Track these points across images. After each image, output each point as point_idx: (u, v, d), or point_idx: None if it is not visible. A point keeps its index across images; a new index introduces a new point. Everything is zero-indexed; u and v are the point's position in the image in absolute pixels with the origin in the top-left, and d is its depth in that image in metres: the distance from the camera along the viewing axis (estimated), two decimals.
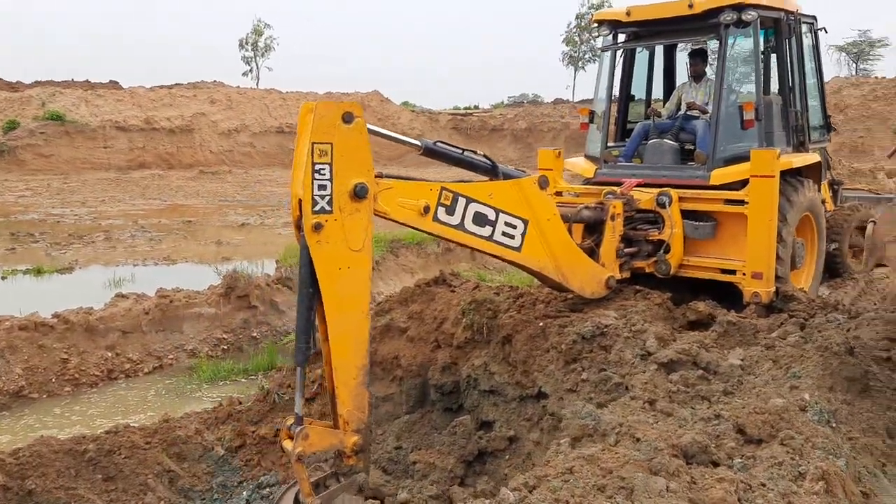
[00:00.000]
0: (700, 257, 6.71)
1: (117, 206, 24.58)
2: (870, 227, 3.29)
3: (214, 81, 43.09)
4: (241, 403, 7.29)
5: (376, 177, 4.36)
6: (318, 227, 4.02)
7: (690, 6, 6.67)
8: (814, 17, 7.46)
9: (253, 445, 6.81)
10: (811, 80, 7.46)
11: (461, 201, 4.91)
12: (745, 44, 6.90)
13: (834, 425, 3.30)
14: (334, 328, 4.10)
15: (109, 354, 9.06)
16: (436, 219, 4.76)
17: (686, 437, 3.04)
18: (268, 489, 6.52)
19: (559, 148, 7.83)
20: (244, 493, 6.43)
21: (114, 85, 43.26)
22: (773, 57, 7.16)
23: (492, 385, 6.18)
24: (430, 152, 5.23)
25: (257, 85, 55.71)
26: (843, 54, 43.17)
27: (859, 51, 42.26)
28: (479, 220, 5.00)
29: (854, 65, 42.37)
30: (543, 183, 5.47)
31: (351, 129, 4.09)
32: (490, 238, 5.09)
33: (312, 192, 4.00)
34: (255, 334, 10.29)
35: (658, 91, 8.42)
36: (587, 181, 7.49)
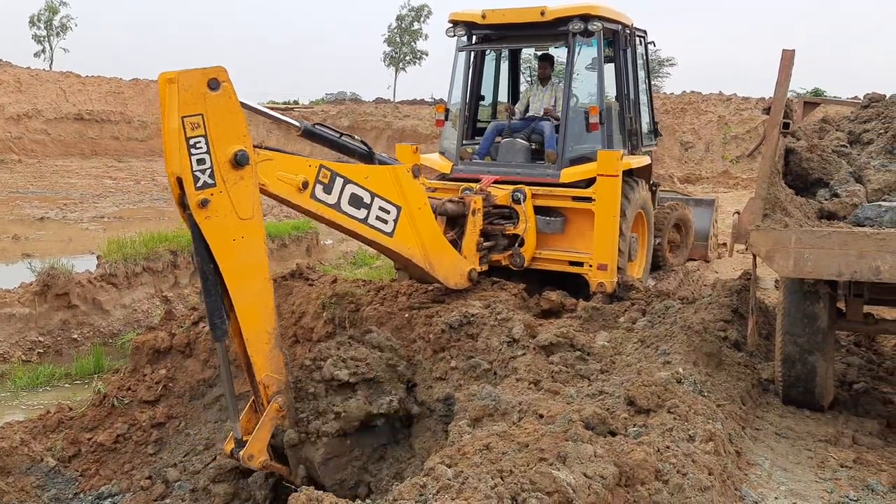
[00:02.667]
0: (551, 250, 7.13)
1: None
2: (735, 216, 3.72)
3: (0, 61, 38.50)
4: (71, 409, 6.67)
5: (255, 147, 4.26)
6: (204, 204, 3.88)
7: (542, 14, 7.06)
8: (644, 31, 8.19)
9: (89, 454, 6.29)
10: (642, 89, 8.18)
11: (339, 181, 4.90)
12: (589, 52, 7.43)
13: (706, 394, 3.69)
14: (239, 299, 4.01)
15: None
16: (313, 196, 4.74)
17: (587, 410, 3.26)
18: (109, 500, 6.04)
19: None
20: None
21: None
22: (611, 66, 7.75)
23: None
24: (309, 134, 5.17)
25: (51, 67, 50.63)
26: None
27: (651, 69, 46.58)
28: (355, 201, 5.02)
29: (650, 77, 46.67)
30: (416, 172, 5.61)
31: (219, 95, 3.95)
32: (365, 221, 5.12)
33: (192, 168, 3.84)
34: (75, 336, 9.39)
35: (503, 93, 8.80)
36: (443, 177, 7.67)
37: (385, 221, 5.27)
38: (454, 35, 7.66)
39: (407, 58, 58.16)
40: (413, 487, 2.51)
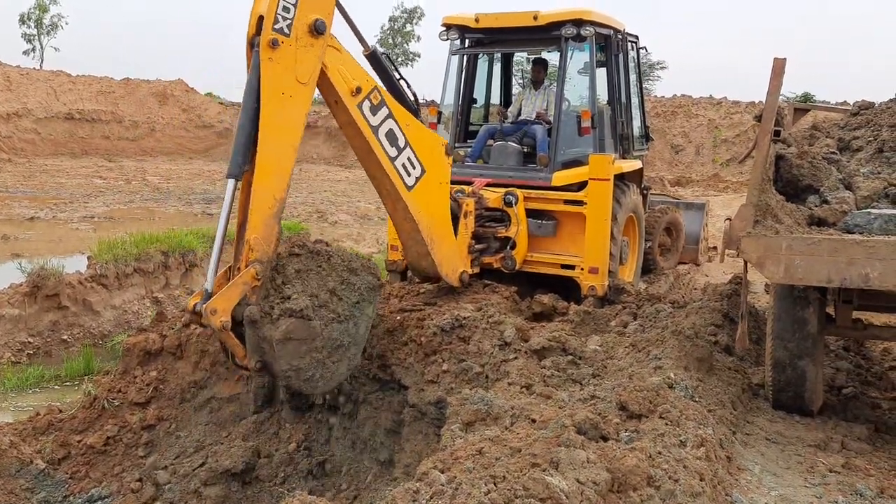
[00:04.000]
0: (542, 253, 7.15)
1: None
2: (726, 223, 3.77)
3: None
4: (61, 412, 6.64)
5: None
6: (274, 44, 4.22)
7: (535, 18, 7.09)
8: (636, 37, 8.23)
9: (79, 456, 6.27)
10: (634, 94, 8.22)
11: (385, 110, 5.16)
12: (581, 56, 7.46)
13: (697, 399, 3.72)
14: (264, 152, 4.19)
15: None
16: (360, 107, 4.97)
17: (579, 414, 3.27)
18: (100, 502, 6.02)
19: None
20: None
21: None
22: (603, 70, 7.78)
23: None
24: (374, 59, 5.53)
25: (41, 66, 50.35)
26: None
27: (642, 71, 46.81)
28: (391, 138, 5.24)
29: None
30: (449, 150, 5.90)
31: None
32: (392, 160, 5.31)
33: (277, 9, 4.20)
34: (65, 337, 9.34)
35: (495, 96, 8.81)
36: None
37: (409, 174, 5.43)
38: (447, 39, 7.67)
39: (399, 59, 58.15)
40: (406, 493, 2.52)
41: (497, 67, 8.68)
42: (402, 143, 5.28)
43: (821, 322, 4.27)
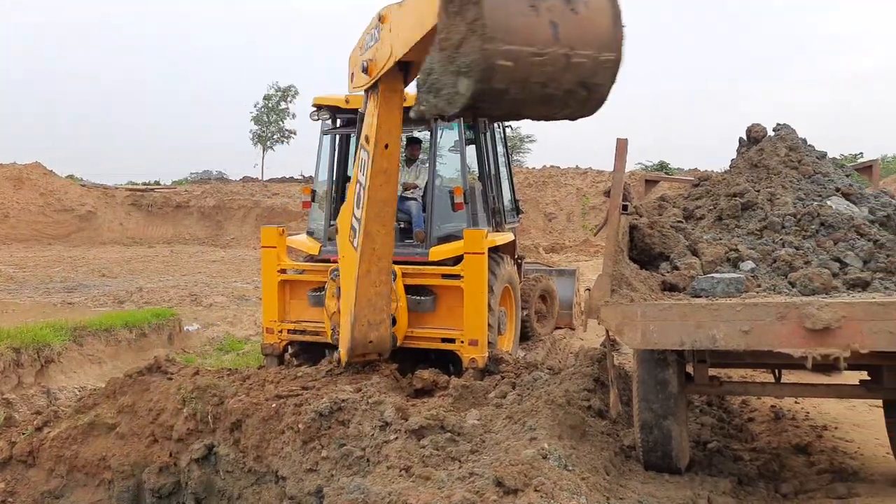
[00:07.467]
0: (423, 328, 7.17)
1: None
2: (585, 293, 3.95)
3: None
4: None
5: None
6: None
7: (403, 99, 7.28)
8: None
9: None
10: (503, 169, 8.55)
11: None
12: (451, 135, 7.72)
13: (570, 468, 3.78)
14: None
15: None
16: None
17: (455, 496, 3.24)
18: None
19: (279, 226, 7.89)
20: None
21: None
22: (473, 148, 8.06)
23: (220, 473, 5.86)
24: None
25: None
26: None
27: (513, 145, 49.15)
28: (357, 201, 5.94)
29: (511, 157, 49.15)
30: None
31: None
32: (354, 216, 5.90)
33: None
34: None
35: None
36: (311, 258, 7.59)
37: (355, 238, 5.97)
38: (318, 118, 7.73)
39: (275, 136, 57.99)
40: None
41: None
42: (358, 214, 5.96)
43: (681, 382, 4.48)
